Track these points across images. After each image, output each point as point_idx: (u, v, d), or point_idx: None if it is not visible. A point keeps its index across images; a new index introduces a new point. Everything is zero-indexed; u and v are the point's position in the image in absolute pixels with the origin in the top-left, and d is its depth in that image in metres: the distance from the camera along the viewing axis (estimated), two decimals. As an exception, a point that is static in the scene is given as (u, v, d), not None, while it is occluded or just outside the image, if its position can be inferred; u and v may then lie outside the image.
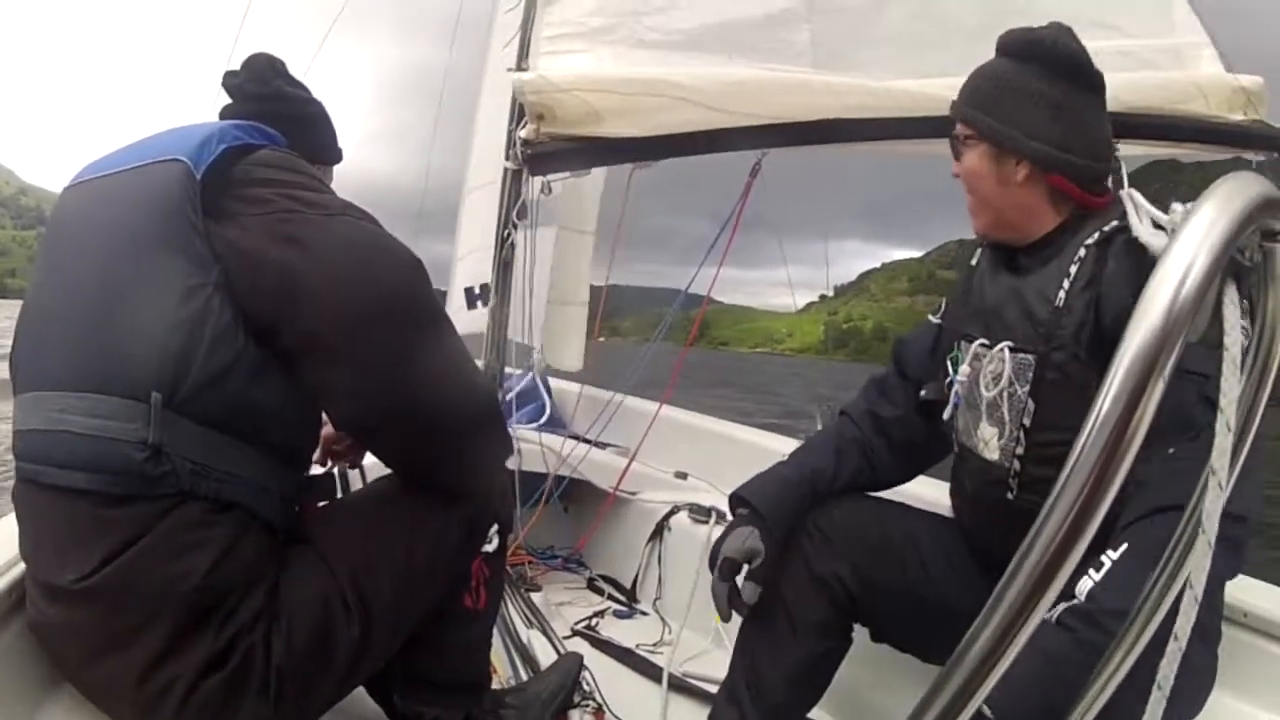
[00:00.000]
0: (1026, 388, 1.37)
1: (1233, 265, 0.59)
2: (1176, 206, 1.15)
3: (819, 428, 2.53)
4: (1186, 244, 0.56)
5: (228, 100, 1.55)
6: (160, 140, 1.32)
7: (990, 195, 1.45)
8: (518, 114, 2.46)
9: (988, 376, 1.43)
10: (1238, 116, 2.33)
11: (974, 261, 1.61)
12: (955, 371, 1.54)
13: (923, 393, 1.65)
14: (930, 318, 1.72)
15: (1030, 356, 1.37)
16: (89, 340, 1.20)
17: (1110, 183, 1.46)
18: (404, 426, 1.31)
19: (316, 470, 1.49)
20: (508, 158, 2.59)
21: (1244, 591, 1.46)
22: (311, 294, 1.21)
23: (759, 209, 2.60)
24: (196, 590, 1.14)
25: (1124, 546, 1.12)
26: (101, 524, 1.14)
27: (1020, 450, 1.38)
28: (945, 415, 1.56)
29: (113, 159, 1.35)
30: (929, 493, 2.03)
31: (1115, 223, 1.33)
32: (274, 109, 1.49)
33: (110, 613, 1.15)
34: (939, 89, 2.30)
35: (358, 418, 1.34)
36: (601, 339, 3.65)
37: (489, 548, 1.51)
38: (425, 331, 1.30)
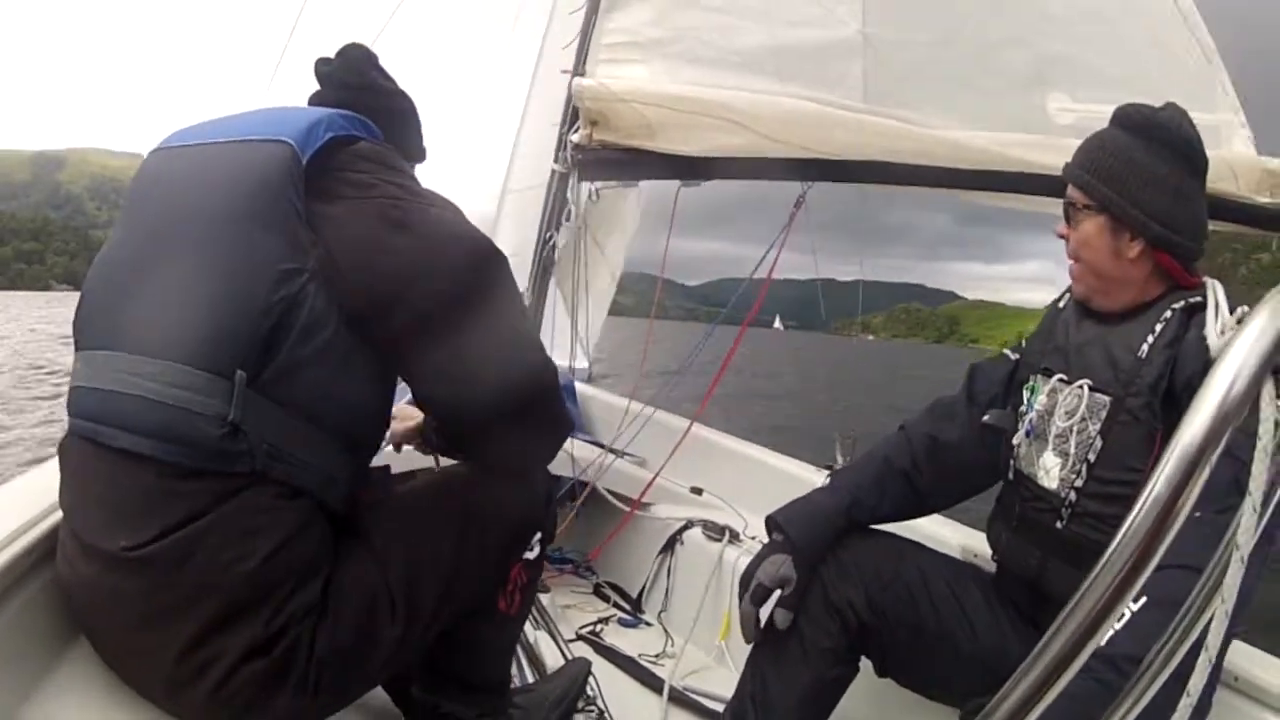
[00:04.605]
0: (1098, 426, 1.44)
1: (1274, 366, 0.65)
2: (1242, 310, 1.27)
3: (839, 458, 2.56)
4: (1237, 354, 0.64)
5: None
6: (263, 118, 1.31)
7: (1101, 266, 1.51)
8: (570, 117, 2.49)
9: (1063, 410, 1.50)
10: (1264, 199, 2.35)
11: (1061, 304, 1.67)
12: (1031, 402, 1.60)
13: (986, 417, 1.70)
14: (1006, 352, 1.78)
15: (1106, 398, 1.44)
16: (175, 308, 1.17)
17: None
18: (494, 404, 1.29)
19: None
20: (557, 160, 2.63)
21: (1236, 656, 1.49)
22: (423, 278, 1.23)
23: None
24: (253, 574, 1.13)
25: (1144, 599, 1.16)
26: (165, 494, 1.12)
27: (1079, 483, 1.45)
28: (1014, 440, 1.62)
29: (208, 129, 1.33)
30: (942, 533, 2.06)
31: (1200, 298, 1.42)
32: (367, 101, 1.47)
33: (159, 585, 1.12)
34: (984, 142, 2.35)
35: (452, 397, 1.30)
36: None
37: (530, 555, 1.52)
38: (513, 315, 1.34)
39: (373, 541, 1.31)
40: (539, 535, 1.53)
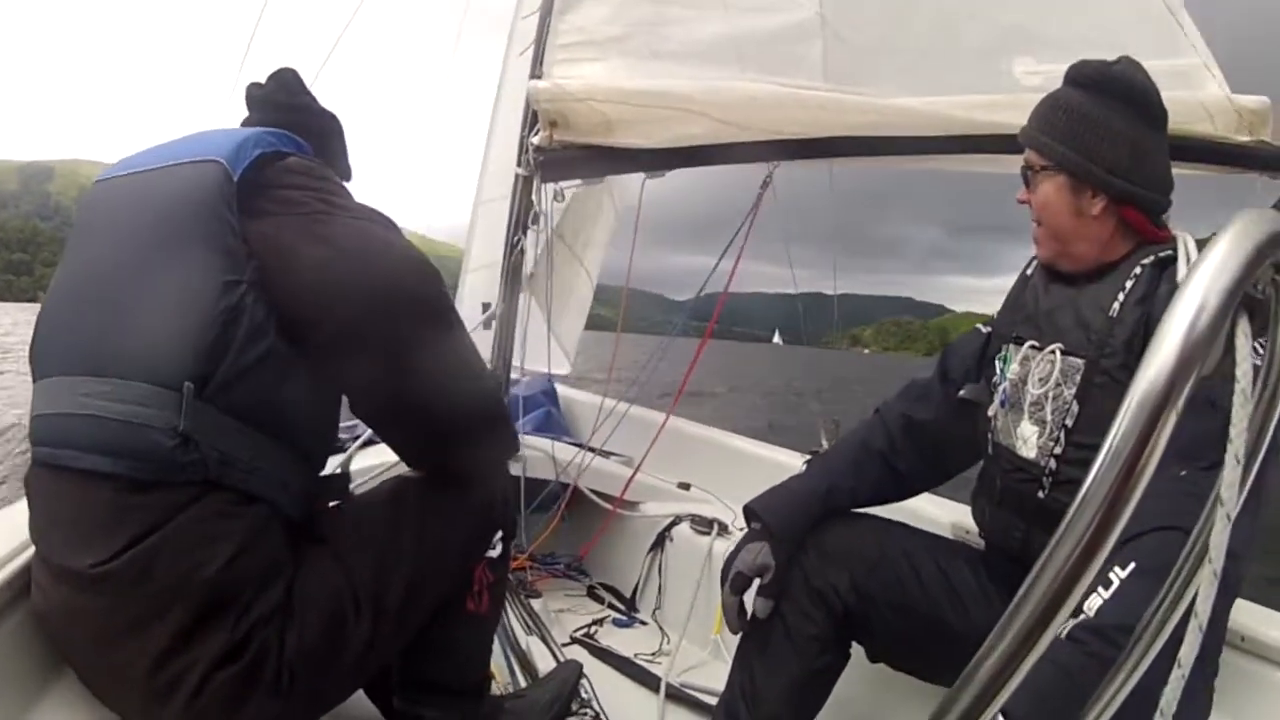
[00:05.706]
0: (1073, 390, 1.41)
1: (1246, 300, 0.58)
2: None
3: (824, 443, 2.54)
4: (1200, 281, 0.56)
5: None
6: (195, 142, 1.36)
7: (1063, 226, 1.48)
8: (530, 120, 2.47)
9: (1035, 377, 1.47)
10: (1243, 138, 2.34)
11: (1028, 271, 1.64)
12: (1004, 372, 1.57)
13: (962, 392, 1.67)
14: (979, 327, 1.75)
15: (1080, 361, 1.41)
16: (121, 327, 1.22)
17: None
18: (420, 415, 1.35)
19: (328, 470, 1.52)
20: (519, 164, 2.61)
21: (1242, 615, 1.47)
22: (345, 290, 1.27)
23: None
24: (213, 580, 1.16)
25: (1131, 565, 1.13)
26: (124, 509, 1.16)
27: (1058, 450, 1.42)
28: (990, 412, 1.59)
29: (145, 157, 1.39)
30: (931, 511, 2.04)
31: (1170, 251, 1.39)
32: (300, 120, 1.53)
33: (126, 599, 1.15)
34: (946, 107, 2.33)
35: (378, 406, 1.39)
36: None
37: (492, 554, 1.54)
38: (444, 329, 1.37)
39: (333, 544, 1.35)
40: (500, 534, 1.56)
